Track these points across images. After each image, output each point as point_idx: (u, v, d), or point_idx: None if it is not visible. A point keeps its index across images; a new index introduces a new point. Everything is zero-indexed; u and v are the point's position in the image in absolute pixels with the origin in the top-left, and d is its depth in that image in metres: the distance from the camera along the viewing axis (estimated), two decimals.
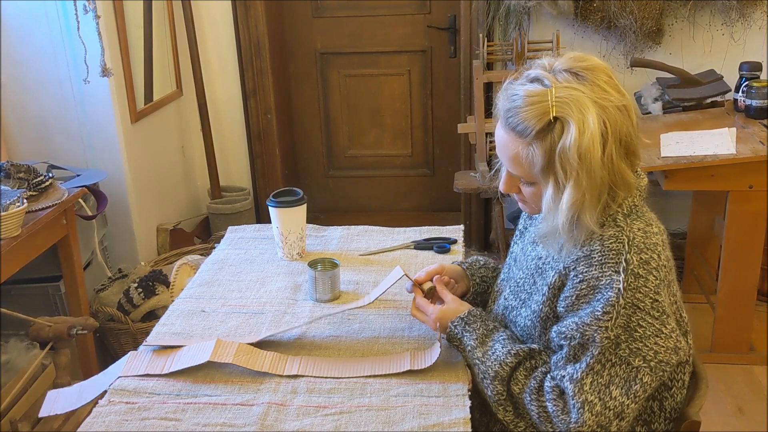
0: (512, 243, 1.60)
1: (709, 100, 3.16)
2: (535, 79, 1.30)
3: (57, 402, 1.48)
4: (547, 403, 1.31)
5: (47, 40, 2.81)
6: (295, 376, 1.44)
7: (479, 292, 1.65)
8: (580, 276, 1.29)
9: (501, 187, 1.42)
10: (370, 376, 1.44)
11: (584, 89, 1.26)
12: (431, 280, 1.58)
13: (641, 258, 1.27)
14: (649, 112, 3.20)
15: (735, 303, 2.81)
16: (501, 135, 1.34)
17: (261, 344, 1.55)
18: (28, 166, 2.48)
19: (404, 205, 4.24)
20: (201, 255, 3.10)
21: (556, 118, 1.25)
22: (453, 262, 1.69)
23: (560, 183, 1.27)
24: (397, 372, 1.44)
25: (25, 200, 2.23)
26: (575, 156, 1.24)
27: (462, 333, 1.44)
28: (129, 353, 1.54)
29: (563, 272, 1.33)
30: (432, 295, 1.57)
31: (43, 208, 2.34)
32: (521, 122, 1.28)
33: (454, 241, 2.01)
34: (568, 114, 1.24)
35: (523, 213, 1.59)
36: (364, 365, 1.47)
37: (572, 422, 1.27)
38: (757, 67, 3.00)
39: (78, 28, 2.69)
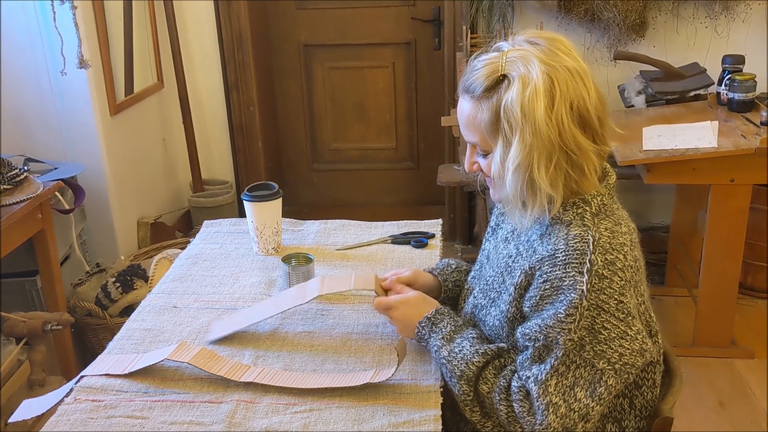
0: (484, 240, 1.58)
1: (692, 94, 3.15)
2: (496, 49, 1.33)
3: (29, 410, 1.44)
4: (514, 404, 1.29)
5: (24, 31, 2.77)
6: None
7: (451, 297, 1.63)
8: (544, 276, 1.27)
9: (465, 165, 1.42)
10: (336, 390, 1.37)
11: (535, 50, 1.27)
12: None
13: (606, 258, 1.24)
14: (633, 106, 3.19)
15: (717, 297, 2.80)
16: (459, 103, 1.36)
17: (234, 337, 1.53)
18: (2, 159, 2.44)
19: (388, 198, 4.22)
20: (181, 249, 3.06)
21: (504, 76, 1.27)
22: (425, 269, 1.66)
23: (507, 140, 1.27)
24: (356, 384, 1.37)
25: None
26: (518, 110, 1.24)
27: (429, 334, 1.42)
28: (97, 357, 1.50)
29: (529, 272, 1.30)
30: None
31: (17, 202, 2.30)
32: (473, 82, 1.31)
33: (432, 236, 1.99)
34: (514, 70, 1.26)
35: (496, 210, 1.57)
36: (323, 378, 1.41)
37: (537, 424, 1.25)
38: (740, 60, 2.99)
39: (54, 19, 2.65)
